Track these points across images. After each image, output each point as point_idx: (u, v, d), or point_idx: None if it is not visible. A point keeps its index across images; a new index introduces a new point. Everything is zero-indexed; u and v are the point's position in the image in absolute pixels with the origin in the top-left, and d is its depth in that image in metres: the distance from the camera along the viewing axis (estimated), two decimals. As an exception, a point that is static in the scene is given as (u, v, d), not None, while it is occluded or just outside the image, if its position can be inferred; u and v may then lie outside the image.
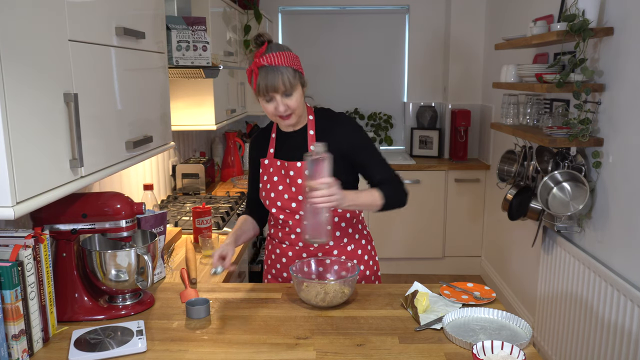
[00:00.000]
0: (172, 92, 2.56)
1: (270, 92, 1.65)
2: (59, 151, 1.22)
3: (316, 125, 1.80)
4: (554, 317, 2.80)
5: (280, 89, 1.64)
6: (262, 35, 1.69)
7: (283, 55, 1.65)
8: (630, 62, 2.20)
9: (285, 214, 1.82)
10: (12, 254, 1.29)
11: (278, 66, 1.63)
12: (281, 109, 1.68)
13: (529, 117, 3.01)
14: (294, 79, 1.66)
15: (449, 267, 4.45)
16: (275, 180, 1.81)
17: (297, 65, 1.69)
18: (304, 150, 1.78)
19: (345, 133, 1.79)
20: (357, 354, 1.35)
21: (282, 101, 1.67)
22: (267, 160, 1.84)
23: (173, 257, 2.15)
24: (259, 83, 1.65)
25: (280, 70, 1.63)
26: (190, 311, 1.55)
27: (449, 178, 4.29)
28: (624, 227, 2.25)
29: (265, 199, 1.85)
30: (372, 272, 1.93)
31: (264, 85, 1.64)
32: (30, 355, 1.34)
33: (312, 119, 1.81)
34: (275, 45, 1.68)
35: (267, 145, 1.87)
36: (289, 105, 1.68)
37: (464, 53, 4.41)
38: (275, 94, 1.66)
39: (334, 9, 4.70)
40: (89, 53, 1.35)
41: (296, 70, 1.67)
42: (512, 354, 1.25)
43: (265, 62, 1.63)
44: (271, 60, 1.63)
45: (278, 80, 1.63)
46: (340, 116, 1.84)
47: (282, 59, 1.64)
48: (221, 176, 3.74)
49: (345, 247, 1.86)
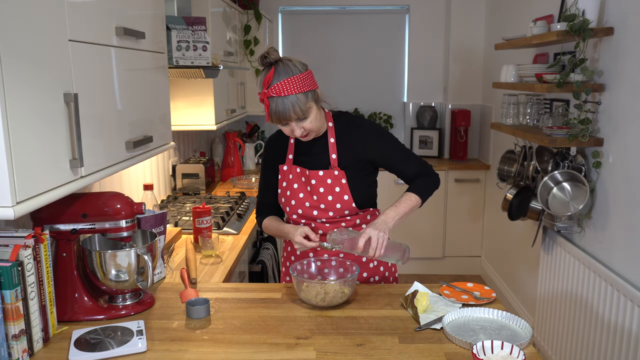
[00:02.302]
0: (172, 92, 2.56)
1: (283, 121, 1.64)
2: (59, 151, 1.22)
3: (336, 131, 1.79)
4: (554, 317, 2.80)
5: (293, 118, 1.62)
6: (267, 56, 1.62)
7: (291, 82, 1.59)
8: (630, 62, 2.20)
9: (307, 220, 1.82)
10: (12, 254, 1.29)
11: (288, 96, 1.59)
12: (297, 133, 1.67)
13: (529, 117, 3.01)
14: (306, 103, 1.62)
15: (449, 267, 4.45)
16: (296, 188, 1.80)
17: (308, 85, 1.63)
18: (325, 157, 1.78)
19: (368, 140, 1.79)
20: (357, 353, 1.35)
21: (298, 125, 1.66)
22: (286, 167, 1.83)
23: (173, 257, 2.15)
24: (270, 113, 1.62)
25: (291, 101, 1.59)
26: (190, 311, 1.55)
27: (449, 178, 4.30)
28: (624, 227, 2.25)
29: (285, 206, 1.84)
30: (391, 273, 1.95)
31: (275, 116, 1.62)
32: (31, 355, 1.34)
33: (331, 126, 1.79)
34: (283, 69, 1.60)
35: (285, 150, 1.85)
36: (305, 127, 1.67)
37: (464, 53, 4.41)
38: (289, 121, 1.65)
39: (334, 9, 4.70)
40: (89, 53, 1.35)
41: (307, 91, 1.62)
42: (512, 354, 1.25)
43: (274, 93, 1.59)
44: (279, 91, 1.58)
45: (289, 111, 1.60)
46: (361, 122, 1.83)
47: (290, 87, 1.59)
48: (221, 176, 3.74)
49: None
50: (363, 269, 1.86)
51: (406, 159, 1.83)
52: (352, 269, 1.69)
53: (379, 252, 1.63)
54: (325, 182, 1.76)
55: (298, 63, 1.65)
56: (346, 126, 1.80)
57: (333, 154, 1.77)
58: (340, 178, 1.76)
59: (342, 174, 1.76)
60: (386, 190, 4.23)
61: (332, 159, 1.77)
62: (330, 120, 1.80)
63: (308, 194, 1.79)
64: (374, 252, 1.63)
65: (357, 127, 1.81)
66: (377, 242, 1.63)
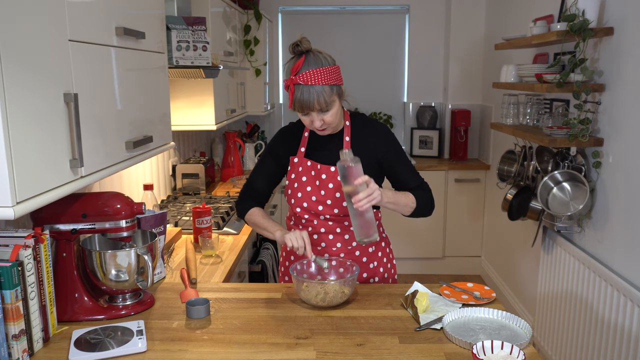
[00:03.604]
0: (172, 92, 2.56)
1: (305, 110, 1.64)
2: (59, 151, 1.21)
3: (352, 131, 1.80)
4: (554, 317, 2.80)
5: (316, 108, 1.63)
6: (300, 44, 1.64)
7: (320, 73, 1.60)
8: (630, 62, 2.20)
9: (310, 215, 1.82)
10: (12, 254, 1.29)
11: (314, 85, 1.60)
12: (317, 124, 1.68)
13: (529, 117, 3.01)
14: (331, 96, 1.63)
15: (449, 267, 4.45)
16: (304, 181, 1.80)
17: (335, 79, 1.64)
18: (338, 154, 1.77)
19: (380, 142, 1.79)
20: (357, 353, 1.35)
21: (318, 117, 1.66)
22: (297, 159, 1.82)
23: (173, 257, 2.15)
24: (294, 100, 1.63)
25: (317, 90, 1.60)
26: (190, 311, 1.55)
27: (449, 178, 4.29)
28: (624, 227, 2.25)
29: (290, 198, 1.83)
30: (390, 275, 1.94)
31: (299, 104, 1.62)
32: (31, 355, 1.34)
33: (348, 125, 1.80)
34: (314, 59, 1.63)
35: (298, 143, 1.85)
36: (325, 120, 1.67)
37: (464, 53, 4.41)
38: (311, 111, 1.65)
39: (334, 9, 4.70)
40: (89, 53, 1.35)
41: (333, 85, 1.63)
42: (512, 354, 1.25)
43: (301, 80, 1.60)
44: (307, 79, 1.60)
45: (314, 101, 1.61)
46: (376, 124, 1.84)
47: (318, 77, 1.60)
48: (221, 176, 3.74)
49: (367, 247, 1.86)
50: (363, 269, 1.86)
51: (411, 172, 1.84)
52: (352, 269, 1.69)
53: (365, 202, 1.54)
54: (336, 178, 1.77)
55: (328, 56, 1.67)
56: (362, 127, 1.81)
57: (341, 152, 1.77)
58: None
59: None
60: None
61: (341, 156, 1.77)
62: (347, 119, 1.81)
63: (316, 188, 1.79)
64: (362, 198, 1.54)
65: (372, 128, 1.81)
66: (371, 195, 1.55)
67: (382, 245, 1.91)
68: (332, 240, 1.82)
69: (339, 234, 1.82)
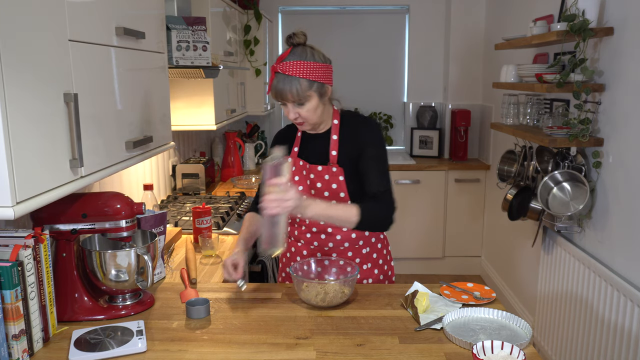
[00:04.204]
0: (172, 92, 2.56)
1: (279, 99, 1.66)
2: (59, 151, 1.21)
3: (340, 130, 1.79)
4: (554, 317, 2.80)
5: (289, 99, 1.64)
6: (292, 37, 1.67)
7: (300, 65, 1.61)
8: (630, 62, 2.20)
9: None
10: (12, 254, 1.29)
11: (291, 76, 1.61)
12: (291, 116, 1.69)
13: (529, 117, 3.01)
14: (306, 91, 1.63)
15: (449, 267, 4.45)
16: (297, 180, 1.81)
17: (318, 76, 1.64)
18: (325, 153, 1.78)
19: (361, 135, 1.77)
20: (357, 354, 1.35)
21: (293, 109, 1.67)
22: (291, 159, 1.84)
23: (173, 257, 2.15)
24: (272, 87, 1.66)
25: (291, 81, 1.61)
26: (190, 311, 1.55)
27: (449, 178, 4.29)
28: (624, 227, 2.25)
29: None
30: (387, 276, 1.93)
31: (274, 91, 1.65)
32: (31, 355, 1.34)
33: (336, 124, 1.80)
34: (300, 52, 1.64)
35: (292, 143, 1.86)
36: (300, 114, 1.68)
37: (464, 53, 4.41)
38: (286, 102, 1.66)
39: (334, 9, 4.70)
40: (89, 53, 1.35)
41: (313, 81, 1.64)
42: (512, 354, 1.25)
43: (280, 69, 1.62)
44: (285, 69, 1.62)
45: (286, 91, 1.62)
46: (366, 121, 1.82)
47: (297, 68, 1.61)
48: (221, 176, 3.74)
49: (361, 249, 1.85)
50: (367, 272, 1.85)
51: (377, 175, 1.72)
52: (352, 269, 1.69)
53: (273, 206, 1.46)
54: (323, 178, 1.77)
55: (320, 54, 1.69)
56: (351, 125, 1.81)
57: (333, 151, 1.77)
58: (337, 175, 1.76)
59: (340, 171, 1.76)
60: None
61: (331, 155, 1.77)
62: (337, 117, 1.81)
63: (307, 188, 1.80)
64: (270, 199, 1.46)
65: (359, 124, 1.81)
66: (282, 200, 1.47)
67: (378, 247, 1.89)
68: (324, 240, 1.82)
69: (330, 234, 1.81)
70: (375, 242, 1.88)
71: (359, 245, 1.84)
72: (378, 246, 1.90)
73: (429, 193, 4.29)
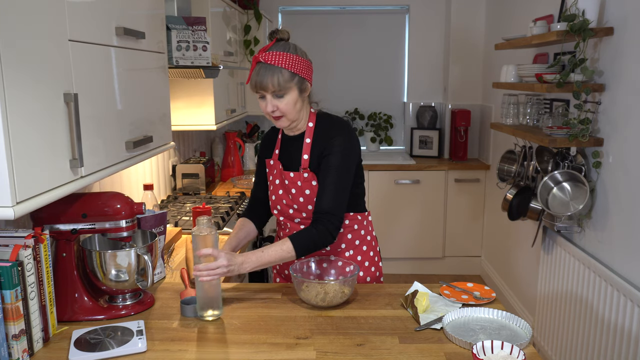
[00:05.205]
0: (172, 92, 2.56)
1: (259, 89, 1.65)
2: (59, 151, 1.22)
3: (314, 132, 1.76)
4: (554, 317, 2.80)
5: (269, 89, 1.63)
6: (277, 32, 1.67)
7: (283, 56, 1.61)
8: (630, 62, 2.20)
9: (285, 217, 1.83)
10: (12, 254, 1.29)
11: (273, 65, 1.61)
12: (269, 109, 1.67)
13: (529, 117, 3.01)
14: (288, 82, 1.62)
15: (449, 267, 4.45)
16: (277, 184, 1.81)
17: (300, 70, 1.63)
18: (298, 158, 1.76)
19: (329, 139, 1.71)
20: (357, 353, 1.35)
21: (272, 101, 1.66)
22: (272, 162, 1.84)
23: (173, 257, 2.15)
24: (252, 77, 1.65)
25: (273, 70, 1.61)
26: (184, 310, 1.55)
27: (449, 178, 4.29)
28: (624, 227, 2.25)
29: (269, 199, 1.87)
30: (374, 277, 1.90)
31: (254, 81, 1.64)
32: (31, 355, 1.34)
33: (311, 126, 1.76)
34: (283, 45, 1.64)
35: (274, 145, 1.86)
36: (278, 106, 1.66)
37: (464, 53, 4.41)
38: (265, 93, 1.65)
39: (334, 9, 4.70)
40: (89, 53, 1.35)
41: (295, 73, 1.63)
42: (512, 354, 1.25)
43: (262, 58, 1.62)
44: (267, 58, 1.61)
45: (267, 80, 1.61)
46: (337, 123, 1.76)
47: (280, 59, 1.61)
48: (221, 176, 3.74)
49: (343, 252, 1.84)
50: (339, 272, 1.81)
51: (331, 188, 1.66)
52: (352, 269, 1.69)
53: (204, 276, 1.48)
54: (296, 184, 1.76)
55: (302, 51, 1.68)
56: (325, 128, 1.75)
57: (305, 155, 1.74)
58: (310, 180, 1.73)
59: (312, 176, 1.73)
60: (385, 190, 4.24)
61: (303, 160, 1.75)
62: (312, 120, 1.77)
63: (285, 192, 1.80)
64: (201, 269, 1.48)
65: (330, 125, 1.75)
66: (210, 270, 1.48)
67: (362, 249, 1.86)
68: None
69: None
70: (359, 244, 1.86)
71: (340, 248, 1.83)
72: (363, 248, 1.87)
73: (428, 193, 4.29)
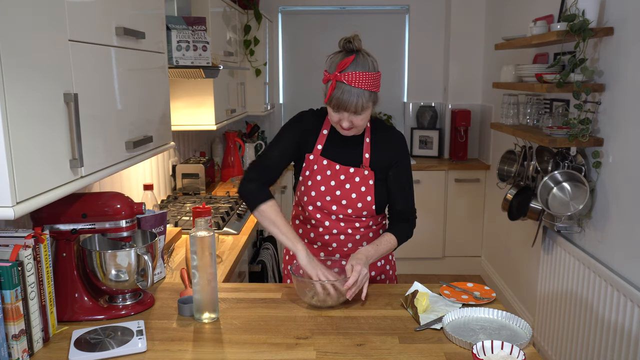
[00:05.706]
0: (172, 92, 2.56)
1: (341, 109, 1.63)
2: (59, 151, 1.22)
3: (372, 134, 1.80)
4: (554, 317, 2.80)
5: (351, 110, 1.62)
6: (352, 42, 1.62)
7: (365, 77, 1.59)
8: (630, 62, 2.20)
9: (323, 215, 1.79)
10: (12, 254, 1.29)
11: (356, 88, 1.59)
12: (345, 125, 1.66)
13: (529, 117, 3.01)
14: (368, 102, 1.62)
15: (449, 267, 4.45)
16: (319, 180, 1.78)
17: (376, 86, 1.64)
18: (357, 155, 1.77)
19: (396, 151, 1.80)
20: (357, 353, 1.35)
21: (349, 118, 1.65)
22: (313, 157, 1.79)
23: (173, 257, 2.15)
24: (332, 97, 1.61)
25: (357, 93, 1.59)
26: (181, 309, 1.55)
27: (449, 178, 4.29)
28: (624, 227, 2.25)
29: (303, 195, 1.80)
30: (388, 276, 1.93)
31: (337, 102, 1.61)
32: (31, 355, 1.34)
33: (369, 127, 1.81)
34: (362, 62, 1.61)
35: (315, 139, 1.80)
36: (354, 122, 1.66)
37: (464, 53, 4.41)
38: (344, 112, 1.64)
39: (334, 9, 4.70)
40: (89, 53, 1.35)
41: (373, 91, 1.63)
42: (512, 354, 1.25)
43: (345, 79, 1.58)
44: (351, 80, 1.58)
45: (352, 103, 1.60)
46: (395, 131, 1.85)
47: (362, 81, 1.59)
48: (221, 176, 3.74)
49: None
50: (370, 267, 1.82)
51: (407, 191, 1.83)
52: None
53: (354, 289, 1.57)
54: (354, 180, 1.76)
55: (375, 61, 1.66)
56: (381, 131, 1.82)
57: (366, 153, 1.77)
58: (368, 178, 1.76)
59: (371, 175, 1.77)
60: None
61: (364, 158, 1.77)
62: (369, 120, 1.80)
63: (332, 188, 1.77)
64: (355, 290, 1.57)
65: (392, 135, 1.83)
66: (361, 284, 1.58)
67: None
68: (343, 240, 1.81)
69: (350, 235, 1.80)
70: None
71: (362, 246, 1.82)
72: None
73: (429, 193, 4.29)
